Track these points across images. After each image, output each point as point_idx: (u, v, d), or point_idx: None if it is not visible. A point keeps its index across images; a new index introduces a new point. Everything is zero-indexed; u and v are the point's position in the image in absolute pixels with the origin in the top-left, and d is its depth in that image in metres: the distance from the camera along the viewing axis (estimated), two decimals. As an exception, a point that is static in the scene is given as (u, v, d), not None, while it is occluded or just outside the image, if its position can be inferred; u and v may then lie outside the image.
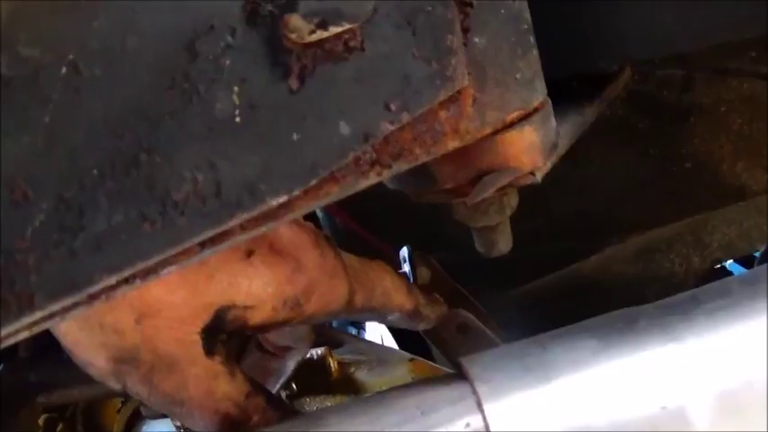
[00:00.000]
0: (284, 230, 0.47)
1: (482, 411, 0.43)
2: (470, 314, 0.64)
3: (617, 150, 0.74)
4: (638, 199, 0.76)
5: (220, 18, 0.33)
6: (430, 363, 0.69)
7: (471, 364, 0.46)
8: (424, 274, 0.64)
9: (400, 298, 0.55)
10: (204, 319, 0.44)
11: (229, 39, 0.33)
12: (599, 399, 0.44)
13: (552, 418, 0.43)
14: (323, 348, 0.65)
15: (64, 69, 0.31)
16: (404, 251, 0.65)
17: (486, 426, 0.43)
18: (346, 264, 0.51)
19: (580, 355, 0.45)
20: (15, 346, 0.78)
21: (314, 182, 0.35)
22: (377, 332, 1.58)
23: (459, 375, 0.46)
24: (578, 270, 0.83)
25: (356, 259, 0.53)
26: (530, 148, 0.41)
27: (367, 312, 0.53)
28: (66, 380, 0.74)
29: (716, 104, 0.70)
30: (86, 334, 0.42)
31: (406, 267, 0.64)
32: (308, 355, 0.65)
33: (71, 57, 0.31)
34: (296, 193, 0.34)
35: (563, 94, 0.47)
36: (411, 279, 0.64)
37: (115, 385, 0.44)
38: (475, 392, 0.44)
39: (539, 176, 0.43)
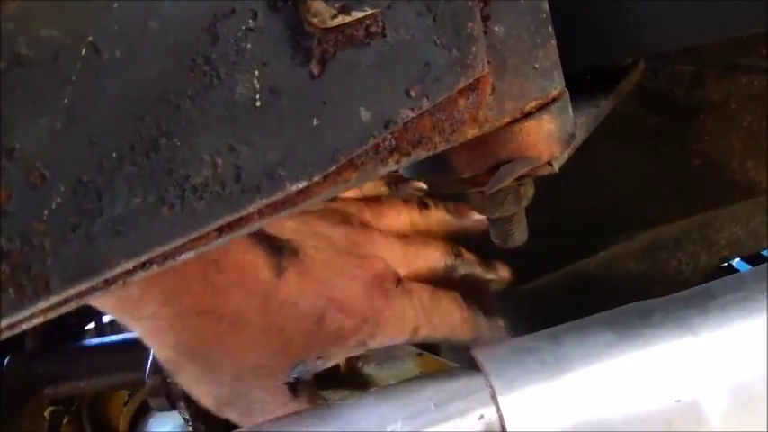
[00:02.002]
0: (357, 290, 0.53)
1: (496, 403, 0.43)
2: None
3: (625, 147, 0.73)
4: (646, 196, 0.76)
5: (242, 1, 0.32)
6: (437, 358, 0.69)
7: (485, 357, 0.45)
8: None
9: (464, 331, 0.59)
10: (285, 373, 0.52)
11: (251, 22, 0.32)
12: (613, 391, 0.43)
13: (566, 410, 0.43)
14: (331, 342, 0.65)
15: (84, 51, 0.30)
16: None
17: (501, 418, 0.42)
18: (417, 302, 0.55)
19: (594, 348, 0.45)
20: (22, 339, 0.78)
21: (333, 168, 0.34)
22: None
23: (473, 368, 0.46)
24: (584, 267, 0.82)
25: (429, 294, 0.57)
26: (547, 137, 0.41)
27: (429, 341, 0.59)
28: (73, 372, 0.73)
29: (726, 101, 0.70)
30: (194, 382, 0.53)
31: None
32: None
33: (90, 38, 0.31)
34: (316, 179, 0.34)
35: (577, 87, 0.47)
36: None
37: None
38: (489, 385, 0.43)
39: (556, 166, 0.43)
